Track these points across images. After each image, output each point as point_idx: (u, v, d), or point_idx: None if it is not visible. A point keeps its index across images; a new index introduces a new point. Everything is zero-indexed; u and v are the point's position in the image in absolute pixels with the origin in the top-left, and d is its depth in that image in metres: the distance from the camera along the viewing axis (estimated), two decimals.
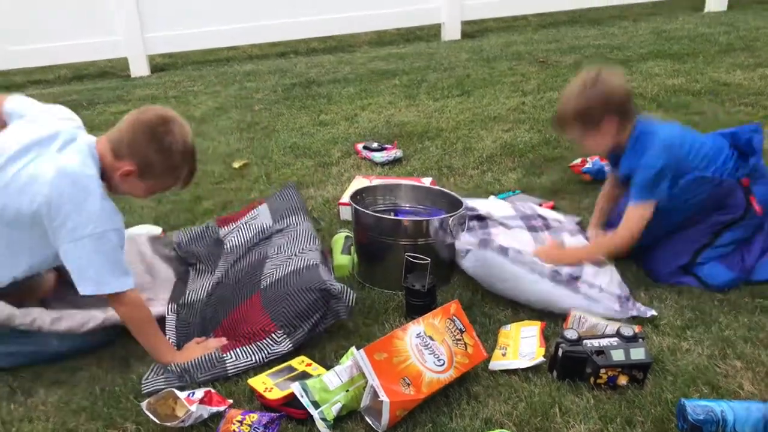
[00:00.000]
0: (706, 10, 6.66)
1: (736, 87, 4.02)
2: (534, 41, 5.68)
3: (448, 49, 5.56)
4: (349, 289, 1.88)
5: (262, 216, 2.31)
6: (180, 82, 4.98)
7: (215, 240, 2.29)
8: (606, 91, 1.98)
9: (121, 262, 1.75)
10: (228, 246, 2.23)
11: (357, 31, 6.00)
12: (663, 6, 6.89)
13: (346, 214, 2.64)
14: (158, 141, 1.75)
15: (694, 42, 5.29)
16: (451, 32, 5.90)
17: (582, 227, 2.37)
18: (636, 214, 1.99)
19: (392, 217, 2.29)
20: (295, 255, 2.00)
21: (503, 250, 2.00)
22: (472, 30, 6.10)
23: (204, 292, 2.10)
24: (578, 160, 2.94)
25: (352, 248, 2.30)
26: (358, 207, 2.16)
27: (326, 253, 2.26)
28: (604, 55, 5.03)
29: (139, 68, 5.26)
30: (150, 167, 1.78)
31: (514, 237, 2.13)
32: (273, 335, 1.81)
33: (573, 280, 1.96)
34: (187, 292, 2.13)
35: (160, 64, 5.50)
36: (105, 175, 1.78)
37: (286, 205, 2.33)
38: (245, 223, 2.30)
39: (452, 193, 2.36)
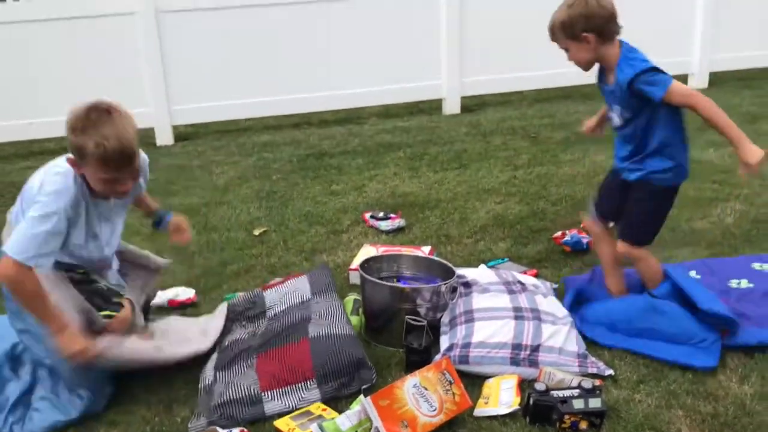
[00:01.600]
0: (688, 86, 7.16)
1: (707, 164, 4.43)
2: (528, 116, 6.17)
3: (449, 123, 6.04)
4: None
5: (302, 287, 2.71)
6: (203, 152, 5.45)
7: (261, 305, 2.67)
8: (588, 10, 2.28)
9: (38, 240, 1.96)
10: (271, 308, 2.63)
11: (366, 105, 6.51)
12: None
13: (355, 278, 3.02)
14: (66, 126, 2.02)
15: None
16: (452, 106, 6.40)
17: (557, 293, 2.75)
18: (680, 89, 2.24)
19: (395, 284, 2.67)
20: (335, 324, 2.39)
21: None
22: (472, 104, 6.59)
23: (248, 333, 2.51)
24: (559, 233, 3.34)
25: (360, 310, 2.68)
26: (366, 275, 2.56)
27: None
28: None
29: (165, 137, 5.75)
30: (70, 146, 2.01)
31: (493, 299, 2.51)
32: (308, 382, 2.19)
33: (534, 353, 2.31)
34: (232, 335, 2.53)
35: (184, 134, 5.98)
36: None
37: (323, 281, 2.73)
38: (287, 292, 2.70)
39: (446, 262, 2.76)
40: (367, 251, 3.24)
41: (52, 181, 2.04)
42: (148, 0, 5.49)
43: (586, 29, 2.29)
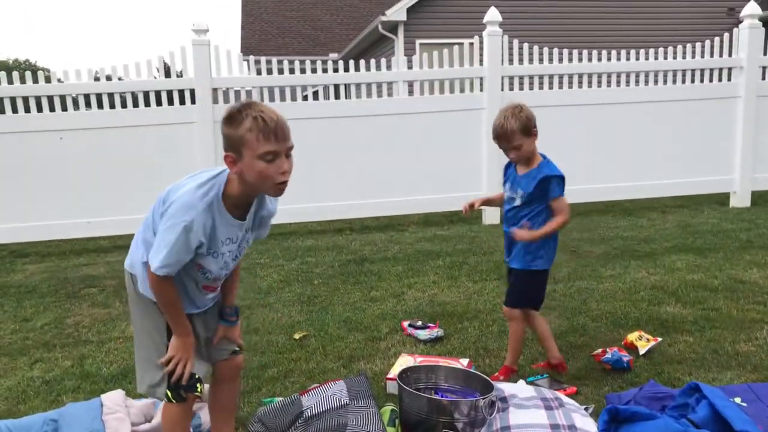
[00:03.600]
0: (730, 205, 7.19)
1: (752, 285, 4.39)
2: (567, 230, 6.20)
3: (488, 234, 6.14)
4: None
5: (340, 392, 2.73)
6: (249, 255, 5.63)
7: (298, 411, 2.69)
8: (530, 112, 2.95)
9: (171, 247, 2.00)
10: (308, 412, 2.64)
11: (407, 213, 6.70)
12: (691, 199, 7.45)
13: (392, 388, 3.02)
14: (222, 123, 2.03)
15: (717, 237, 5.74)
16: (492, 217, 6.53)
17: (593, 414, 2.70)
18: (563, 202, 2.94)
19: (433, 396, 2.67)
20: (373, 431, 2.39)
21: None
22: None
23: None
24: (599, 350, 3.30)
25: (397, 421, 2.67)
26: (403, 385, 2.57)
27: None
28: (632, 248, 5.50)
29: None
30: (227, 140, 2.00)
31: (530, 415, 2.48)
32: None
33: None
34: None
35: None
36: (229, 191, 2.08)
37: (360, 388, 2.76)
38: (325, 395, 2.72)
39: (485, 376, 2.76)
40: (405, 360, 3.26)
41: (187, 191, 2.04)
42: (206, 112, 5.91)
43: (535, 125, 2.97)
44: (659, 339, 3.44)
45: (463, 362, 3.23)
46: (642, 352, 3.34)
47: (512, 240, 3.04)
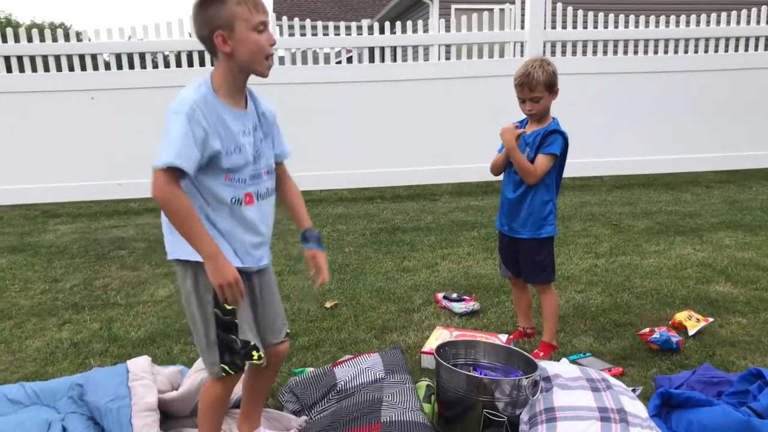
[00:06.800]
0: None
1: None
2: (607, 202, 6.00)
3: None
4: None
5: (376, 366, 2.62)
6: (279, 221, 5.51)
7: (331, 383, 2.59)
8: (556, 70, 2.86)
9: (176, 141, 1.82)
10: (342, 385, 2.54)
11: (440, 182, 6.52)
12: (737, 174, 7.13)
13: (427, 362, 2.90)
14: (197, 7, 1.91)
15: (767, 214, 5.47)
16: None
17: (641, 396, 2.55)
18: (546, 163, 2.85)
19: (473, 374, 2.53)
20: (410, 410, 2.27)
21: None
22: None
23: (317, 412, 2.44)
24: (646, 330, 3.13)
25: (433, 397, 2.54)
26: (442, 361, 2.44)
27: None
28: (676, 223, 5.26)
29: None
30: (214, 20, 1.88)
31: (575, 397, 2.33)
32: None
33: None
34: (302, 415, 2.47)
35: None
36: (217, 83, 1.94)
37: (396, 361, 2.65)
38: (360, 369, 2.61)
39: (527, 354, 2.60)
40: (440, 334, 3.13)
41: (176, 98, 1.91)
42: None
43: (557, 84, 2.88)
44: (710, 319, 3.24)
45: (502, 338, 3.09)
46: (691, 332, 3.15)
47: (513, 208, 2.99)
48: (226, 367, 2.01)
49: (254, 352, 2.04)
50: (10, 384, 2.62)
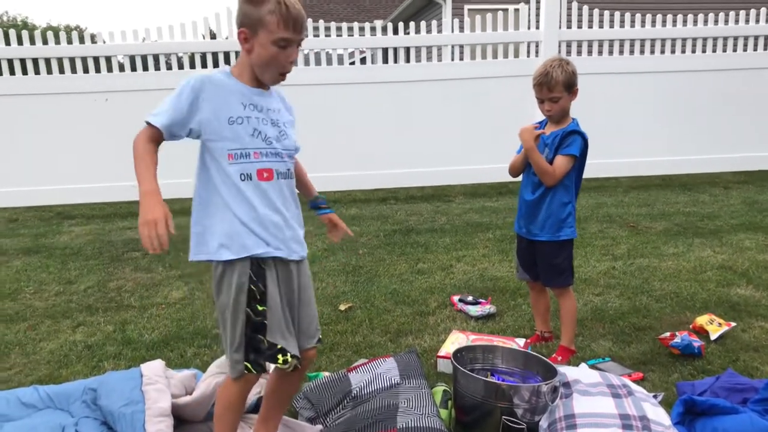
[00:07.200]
0: None
1: None
2: (624, 204, 5.92)
3: None
4: None
5: (391, 371, 2.58)
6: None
7: (346, 389, 2.55)
8: (575, 70, 2.83)
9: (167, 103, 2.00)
10: (357, 390, 2.50)
11: (454, 183, 6.47)
12: (754, 175, 7.02)
13: (443, 366, 2.86)
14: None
15: None
16: None
17: (662, 404, 2.48)
18: (565, 164, 2.80)
19: (491, 379, 2.49)
20: (427, 415, 2.23)
21: None
22: None
23: (332, 420, 2.40)
24: (667, 334, 3.06)
25: (450, 403, 2.50)
26: (460, 367, 2.39)
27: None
28: (695, 225, 5.18)
29: None
30: (245, 16, 1.94)
31: (596, 403, 2.28)
32: None
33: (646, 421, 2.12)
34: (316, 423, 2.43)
35: None
36: (236, 72, 2.03)
37: (412, 366, 2.61)
38: (375, 374, 2.57)
39: (546, 359, 2.55)
40: (457, 338, 3.09)
41: None
42: None
43: (577, 85, 2.84)
44: (733, 324, 3.18)
45: (519, 342, 3.04)
46: (713, 337, 3.09)
47: (531, 210, 2.93)
48: (250, 366, 1.98)
49: (279, 355, 2.01)
50: (24, 387, 2.61)
